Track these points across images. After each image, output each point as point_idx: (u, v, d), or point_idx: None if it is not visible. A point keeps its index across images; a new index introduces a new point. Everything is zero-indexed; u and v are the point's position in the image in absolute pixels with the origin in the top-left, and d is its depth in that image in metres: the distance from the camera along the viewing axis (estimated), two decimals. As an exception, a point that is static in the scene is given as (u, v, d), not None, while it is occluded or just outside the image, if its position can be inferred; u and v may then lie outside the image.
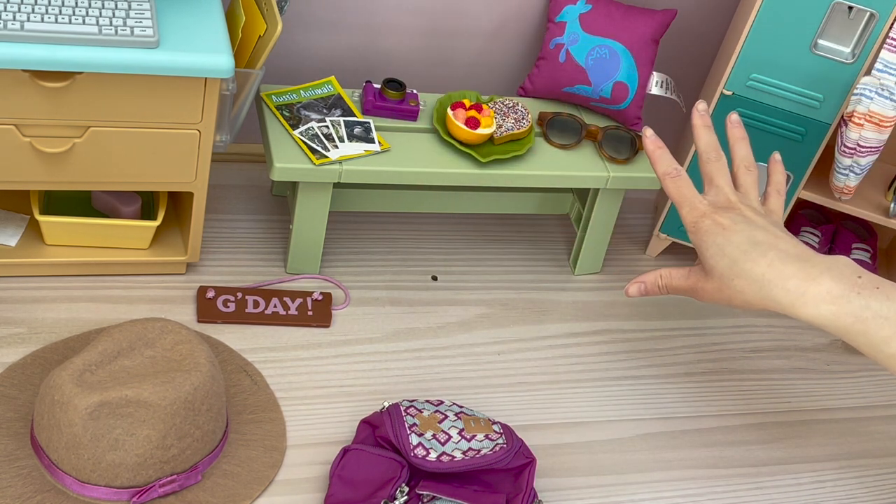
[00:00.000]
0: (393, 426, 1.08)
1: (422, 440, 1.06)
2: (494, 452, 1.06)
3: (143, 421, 0.99)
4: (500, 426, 1.10)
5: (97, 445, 0.98)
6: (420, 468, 1.06)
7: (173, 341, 1.05)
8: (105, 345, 1.03)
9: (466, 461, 1.05)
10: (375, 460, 1.06)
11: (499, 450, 1.07)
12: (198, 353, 1.05)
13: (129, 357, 1.03)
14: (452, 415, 1.10)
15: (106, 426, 0.98)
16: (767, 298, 1.00)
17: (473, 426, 1.09)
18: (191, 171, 1.18)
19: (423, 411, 1.10)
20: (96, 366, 1.01)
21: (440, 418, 1.10)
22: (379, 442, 1.09)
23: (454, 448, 1.07)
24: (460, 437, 1.08)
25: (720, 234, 1.03)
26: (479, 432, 1.09)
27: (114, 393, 0.98)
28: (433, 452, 1.06)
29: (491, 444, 1.08)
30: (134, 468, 1.00)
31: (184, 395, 1.00)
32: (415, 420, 1.08)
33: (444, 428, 1.08)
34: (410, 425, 1.08)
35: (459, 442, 1.07)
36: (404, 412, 1.09)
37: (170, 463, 1.02)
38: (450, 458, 1.05)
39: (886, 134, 1.25)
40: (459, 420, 1.10)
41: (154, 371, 1.02)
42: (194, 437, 1.03)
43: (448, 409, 1.11)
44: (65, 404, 0.98)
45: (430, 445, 1.06)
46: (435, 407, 1.11)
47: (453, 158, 1.29)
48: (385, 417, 1.09)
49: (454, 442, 1.07)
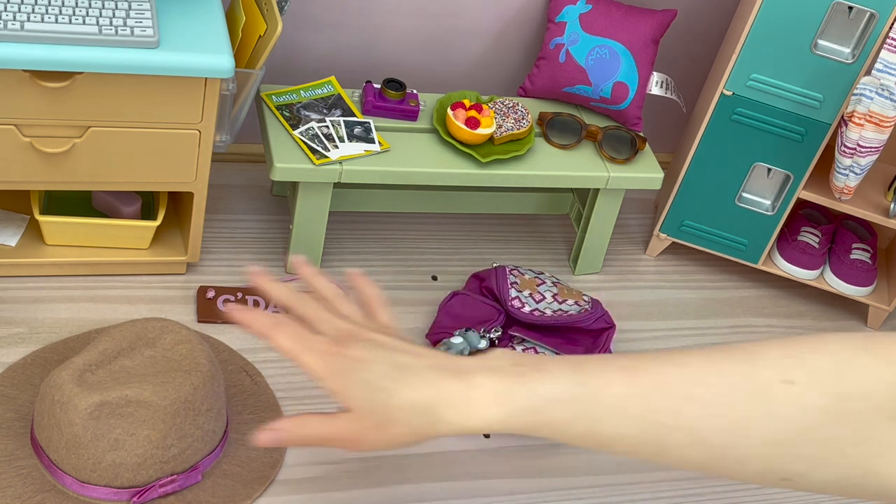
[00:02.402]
0: (497, 279, 1.28)
1: (520, 295, 1.26)
2: (581, 315, 1.25)
3: (143, 421, 0.99)
4: (590, 298, 1.28)
5: (97, 445, 0.98)
6: (514, 317, 1.26)
7: (173, 341, 1.05)
8: (105, 345, 1.03)
9: (555, 317, 1.25)
10: (478, 304, 1.27)
11: (583, 312, 1.26)
12: (198, 352, 1.04)
13: (130, 357, 1.03)
14: (549, 283, 1.29)
15: (106, 426, 0.98)
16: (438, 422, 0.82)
17: (566, 293, 1.28)
18: (191, 171, 1.18)
19: (525, 275, 1.29)
20: (96, 366, 1.01)
21: (539, 283, 1.29)
22: (483, 292, 1.29)
23: (546, 307, 1.26)
24: (553, 299, 1.27)
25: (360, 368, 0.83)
26: (570, 298, 1.27)
27: (114, 393, 0.98)
28: (527, 306, 1.26)
29: (578, 309, 1.26)
30: (134, 468, 1.00)
31: (184, 395, 1.00)
32: (516, 279, 1.28)
33: (540, 290, 1.27)
34: (512, 282, 1.28)
35: (552, 303, 1.27)
36: (509, 272, 1.29)
37: (170, 463, 1.01)
38: (541, 313, 1.25)
39: (886, 134, 1.25)
40: (555, 287, 1.29)
41: (154, 371, 1.02)
42: (194, 437, 1.03)
43: (547, 278, 1.31)
44: (65, 404, 0.98)
45: (526, 300, 1.26)
46: (536, 274, 1.30)
47: (453, 158, 1.29)
48: (492, 272, 1.30)
49: (547, 302, 1.26)
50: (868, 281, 1.46)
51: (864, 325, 1.49)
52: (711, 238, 1.47)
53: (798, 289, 1.53)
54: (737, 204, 1.43)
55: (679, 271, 1.51)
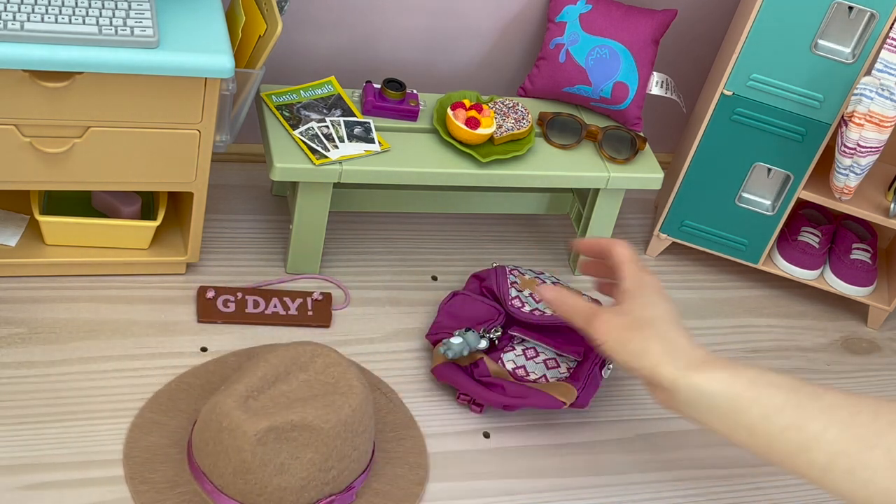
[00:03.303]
0: (497, 279, 1.29)
1: (520, 295, 1.27)
2: None
3: (306, 444, 1.00)
4: (590, 298, 1.21)
5: (264, 470, 0.99)
6: (514, 317, 1.26)
7: (324, 364, 1.07)
8: (264, 370, 1.04)
9: (554, 317, 1.24)
10: (478, 304, 1.27)
11: None
12: (350, 374, 1.06)
13: (286, 382, 1.05)
14: (549, 282, 1.29)
15: (273, 451, 0.99)
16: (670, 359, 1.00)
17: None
18: (191, 171, 1.18)
19: (525, 275, 1.30)
20: (258, 391, 1.03)
21: (538, 282, 1.29)
22: (483, 292, 1.30)
23: (546, 306, 1.25)
24: None
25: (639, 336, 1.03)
26: None
27: (279, 418, 0.99)
28: (527, 306, 1.26)
29: None
30: (298, 491, 1.01)
31: (344, 418, 1.02)
32: (516, 279, 1.29)
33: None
34: (512, 282, 1.29)
35: None
36: (509, 272, 1.30)
37: (329, 484, 1.03)
38: (541, 313, 1.26)
39: (886, 134, 1.25)
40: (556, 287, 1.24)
41: (311, 395, 1.04)
42: (352, 458, 1.04)
43: (547, 278, 1.31)
44: (233, 430, 0.99)
45: (526, 300, 1.27)
46: (536, 274, 1.31)
47: (453, 158, 1.29)
48: (492, 272, 1.30)
49: None
50: (868, 281, 1.46)
51: (864, 326, 1.49)
52: (711, 238, 1.47)
53: (798, 289, 1.53)
54: (737, 204, 1.43)
55: (679, 271, 1.51)
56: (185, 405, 1.12)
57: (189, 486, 1.04)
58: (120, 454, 1.07)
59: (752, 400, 0.95)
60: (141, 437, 1.08)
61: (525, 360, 1.23)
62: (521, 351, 1.23)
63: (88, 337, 1.18)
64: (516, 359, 1.23)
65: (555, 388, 1.18)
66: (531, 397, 1.17)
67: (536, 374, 1.21)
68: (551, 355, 1.24)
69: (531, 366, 1.22)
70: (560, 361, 1.23)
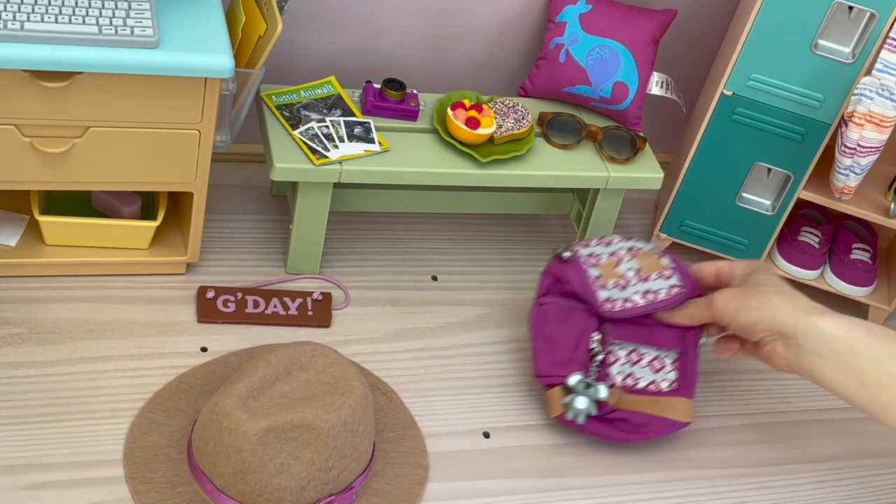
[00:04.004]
0: (582, 283, 1.21)
1: (609, 294, 1.20)
2: (672, 297, 1.20)
3: (307, 444, 1.00)
4: (670, 259, 1.23)
5: (265, 470, 0.99)
6: (607, 318, 1.21)
7: (325, 364, 1.07)
8: (264, 370, 1.04)
9: (647, 306, 1.20)
10: (570, 320, 1.21)
11: (675, 294, 1.20)
12: (350, 374, 1.06)
13: (286, 381, 1.05)
14: (625, 253, 1.24)
15: (273, 451, 0.99)
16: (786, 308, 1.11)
17: (647, 264, 1.22)
18: (191, 171, 1.18)
19: (600, 258, 1.23)
20: (258, 391, 1.03)
21: (615, 262, 1.23)
22: (565, 294, 1.22)
23: (634, 292, 1.20)
24: (637, 279, 1.21)
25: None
26: (652, 271, 1.22)
27: (280, 418, 0.99)
28: (618, 303, 1.20)
29: (666, 285, 1.20)
30: (298, 491, 1.01)
31: (344, 418, 1.02)
32: (597, 272, 1.22)
33: (621, 272, 1.22)
34: (594, 279, 1.21)
35: (637, 284, 1.21)
36: (583, 265, 1.22)
37: (329, 484, 1.03)
38: (632, 304, 1.20)
39: (886, 134, 1.25)
40: (634, 259, 1.23)
41: (311, 394, 1.04)
42: (351, 458, 1.04)
43: (618, 246, 1.24)
44: (234, 430, 0.99)
45: (614, 296, 1.20)
46: (606, 248, 1.24)
47: (453, 158, 1.29)
48: (570, 272, 1.22)
49: (633, 286, 1.21)
50: (868, 281, 1.46)
51: (864, 325, 1.49)
52: (711, 238, 1.47)
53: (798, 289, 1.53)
54: (737, 204, 1.43)
55: (679, 271, 1.51)
56: (186, 405, 1.12)
57: (189, 486, 1.04)
58: (120, 454, 1.07)
59: (868, 346, 1.03)
60: (141, 437, 1.08)
61: (631, 366, 1.21)
62: (624, 358, 1.21)
63: (88, 337, 1.18)
64: (622, 368, 1.20)
65: (671, 408, 1.19)
66: (654, 426, 1.19)
67: (646, 381, 1.20)
68: (653, 354, 1.22)
69: (638, 372, 1.21)
70: (664, 359, 1.22)
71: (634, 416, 1.18)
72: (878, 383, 1.02)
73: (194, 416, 1.11)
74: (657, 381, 1.21)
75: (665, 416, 1.19)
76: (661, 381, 1.21)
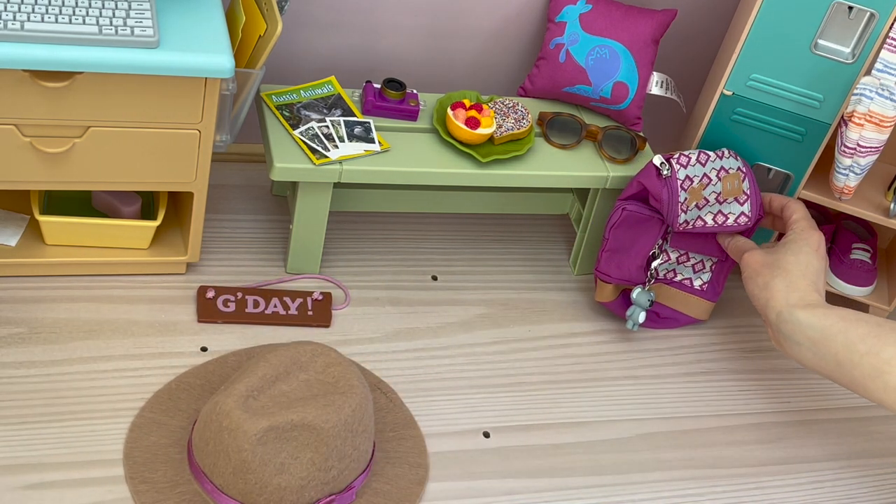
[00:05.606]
0: (670, 206, 1.26)
1: (686, 216, 1.27)
2: (736, 226, 1.29)
3: (307, 444, 1.00)
4: (749, 183, 1.30)
5: (264, 470, 1.00)
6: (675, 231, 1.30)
7: (325, 363, 1.07)
8: (264, 370, 1.05)
9: (714, 227, 1.29)
10: (645, 232, 1.31)
11: (741, 222, 1.29)
12: (350, 374, 1.06)
13: (286, 381, 1.05)
14: (714, 175, 1.29)
15: (273, 450, 0.99)
16: (785, 289, 1.21)
17: (729, 188, 1.29)
18: (191, 171, 1.18)
19: (692, 182, 1.28)
20: (258, 391, 1.03)
21: (706, 184, 1.29)
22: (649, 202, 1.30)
23: (707, 212, 1.29)
24: (715, 200, 1.29)
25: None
26: (731, 196, 1.29)
27: (280, 417, 1.00)
28: (690, 222, 1.28)
29: (737, 211, 1.29)
30: (298, 490, 1.01)
31: (344, 418, 1.02)
32: (685, 196, 1.27)
33: (705, 195, 1.29)
34: (682, 202, 1.27)
35: (713, 205, 1.29)
36: (680, 187, 1.27)
37: (329, 484, 1.03)
38: (703, 223, 1.28)
39: (886, 134, 1.25)
40: (720, 182, 1.29)
41: (311, 394, 1.04)
42: (351, 458, 1.04)
43: (711, 166, 1.29)
44: (234, 430, 0.99)
45: (691, 217, 1.28)
46: (701, 169, 1.29)
47: (453, 158, 1.29)
48: (663, 193, 1.26)
49: (709, 206, 1.29)
50: (868, 281, 1.46)
51: (864, 325, 1.49)
52: (711, 238, 1.47)
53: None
54: (737, 204, 1.43)
55: (679, 271, 1.51)
56: (186, 405, 1.12)
57: (189, 486, 1.04)
58: (120, 454, 1.07)
59: (841, 330, 1.12)
60: (141, 436, 1.08)
61: (677, 264, 1.35)
62: (674, 259, 1.34)
63: (89, 337, 1.18)
64: (668, 266, 1.35)
65: (694, 306, 1.37)
66: (675, 320, 1.38)
67: (682, 276, 1.36)
68: (699, 259, 1.35)
69: (680, 269, 1.35)
70: (705, 262, 1.35)
71: (663, 309, 1.37)
72: (850, 363, 1.11)
73: (194, 416, 1.11)
74: (692, 279, 1.36)
75: (686, 314, 1.37)
76: (695, 279, 1.36)
